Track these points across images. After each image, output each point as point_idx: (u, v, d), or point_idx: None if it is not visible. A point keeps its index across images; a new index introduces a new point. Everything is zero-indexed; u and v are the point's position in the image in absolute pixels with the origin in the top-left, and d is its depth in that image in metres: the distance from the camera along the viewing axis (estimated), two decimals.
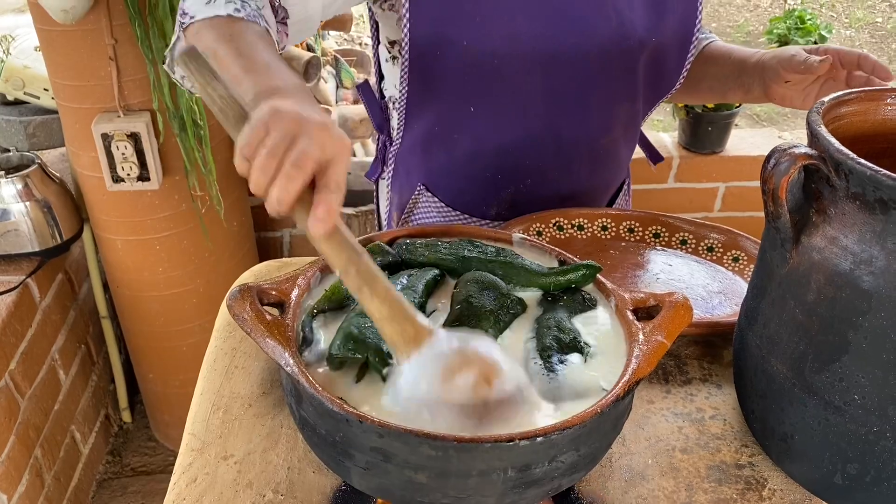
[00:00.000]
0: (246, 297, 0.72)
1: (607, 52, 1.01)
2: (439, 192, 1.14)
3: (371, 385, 0.68)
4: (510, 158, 1.08)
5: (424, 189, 1.14)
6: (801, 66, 0.99)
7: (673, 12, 1.05)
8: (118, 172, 1.65)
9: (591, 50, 1.00)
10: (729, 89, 1.14)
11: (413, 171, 1.15)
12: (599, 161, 1.13)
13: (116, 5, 1.50)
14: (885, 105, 0.77)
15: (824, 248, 0.65)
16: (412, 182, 1.15)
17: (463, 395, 0.63)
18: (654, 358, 0.70)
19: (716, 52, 1.15)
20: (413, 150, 1.12)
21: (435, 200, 1.15)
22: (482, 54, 0.98)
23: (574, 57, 1.00)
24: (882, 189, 0.60)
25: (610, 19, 1.00)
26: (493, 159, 1.08)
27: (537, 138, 1.07)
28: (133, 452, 2.17)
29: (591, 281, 0.79)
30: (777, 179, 0.66)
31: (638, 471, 0.76)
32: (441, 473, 0.63)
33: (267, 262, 1.04)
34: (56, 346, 1.86)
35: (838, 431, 0.67)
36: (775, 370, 0.71)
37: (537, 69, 1.00)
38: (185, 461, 0.75)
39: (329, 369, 0.70)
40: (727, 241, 1.04)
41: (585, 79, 1.02)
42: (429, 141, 1.10)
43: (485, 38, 0.97)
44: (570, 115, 1.05)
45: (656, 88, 1.12)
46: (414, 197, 1.16)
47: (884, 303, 0.61)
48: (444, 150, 1.09)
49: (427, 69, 1.00)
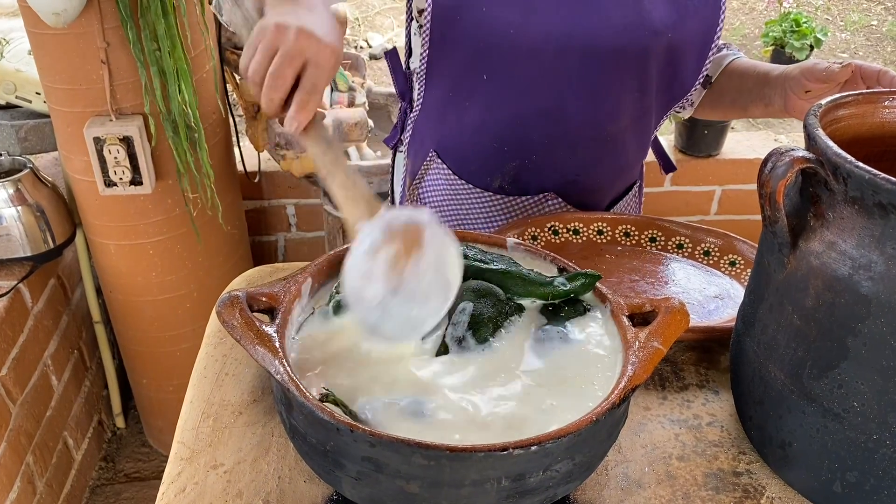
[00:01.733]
0: (235, 304, 0.70)
1: (621, 39, 1.03)
2: (448, 160, 1.17)
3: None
4: (518, 131, 1.10)
5: (436, 156, 1.18)
6: (822, 73, 1.00)
7: (695, 13, 1.06)
8: (110, 176, 1.63)
9: (604, 34, 1.02)
10: (750, 102, 1.15)
11: (427, 137, 1.18)
12: (605, 148, 1.14)
13: (108, 8, 1.48)
14: (883, 108, 0.76)
15: (822, 252, 0.65)
16: (426, 148, 1.19)
17: (383, 266, 0.66)
18: (650, 364, 0.69)
19: (740, 67, 1.16)
20: (429, 115, 1.16)
21: (444, 168, 1.18)
22: (499, 23, 1.01)
23: (587, 38, 1.02)
24: (881, 193, 0.59)
25: (627, 7, 1.02)
26: (501, 130, 1.11)
27: (545, 113, 1.08)
28: (126, 458, 2.16)
29: (591, 290, 0.78)
30: (774, 183, 0.65)
31: (634, 479, 0.75)
32: (433, 483, 0.62)
33: (259, 267, 1.03)
34: (48, 351, 1.84)
35: (837, 439, 0.66)
36: (773, 376, 0.70)
37: (550, 45, 1.02)
38: (173, 470, 0.74)
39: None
40: (724, 245, 1.04)
41: (597, 62, 1.04)
42: (443, 107, 1.13)
43: (503, 6, 1.00)
44: (577, 97, 1.07)
45: (670, 89, 1.13)
46: (426, 164, 1.19)
47: (883, 308, 0.60)
48: (455, 117, 1.13)
49: (447, 34, 1.04)
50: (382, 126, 2.21)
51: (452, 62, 1.06)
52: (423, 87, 1.12)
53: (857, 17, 4.87)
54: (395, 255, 0.66)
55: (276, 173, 2.18)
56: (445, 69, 1.08)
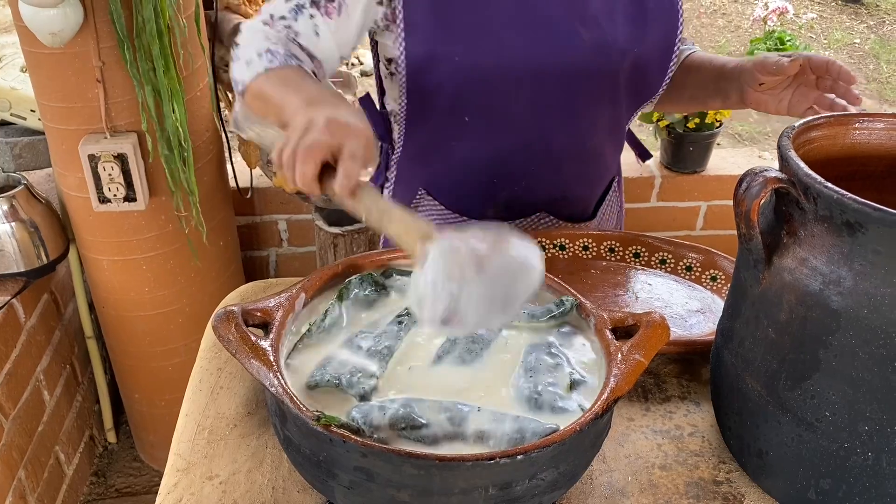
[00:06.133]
0: (231, 318, 0.73)
1: (590, 63, 1.07)
2: (439, 196, 1.20)
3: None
4: (504, 165, 1.14)
5: (425, 193, 1.20)
6: (773, 67, 1.04)
7: (655, 26, 1.10)
8: (105, 193, 1.65)
9: (574, 62, 1.06)
10: (708, 97, 1.19)
11: (413, 176, 1.21)
12: (587, 163, 1.19)
13: (104, 28, 1.51)
14: (854, 129, 0.80)
15: (795, 268, 0.67)
16: (414, 186, 1.21)
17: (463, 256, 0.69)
18: (632, 376, 0.71)
19: (697, 61, 1.20)
20: (413, 158, 1.19)
21: (435, 204, 1.20)
22: (473, 69, 1.03)
23: (559, 69, 1.06)
24: (848, 212, 0.62)
25: (592, 32, 1.05)
26: (488, 166, 1.14)
27: (528, 145, 1.12)
28: (118, 473, 2.16)
29: (573, 310, 0.81)
30: (749, 202, 0.68)
31: (618, 488, 0.77)
32: (423, 492, 0.64)
33: (253, 282, 1.06)
34: (41, 366, 1.85)
35: (811, 447, 0.69)
36: (750, 388, 0.73)
37: (525, 81, 1.05)
38: (170, 482, 0.76)
39: None
40: (705, 261, 1.07)
41: (570, 88, 1.08)
42: (427, 149, 1.16)
43: (474, 54, 1.03)
44: (557, 122, 1.11)
45: (639, 94, 1.17)
46: (416, 200, 1.22)
47: (851, 322, 0.63)
48: (441, 158, 1.16)
49: (423, 84, 1.06)
50: None
51: (432, 108, 1.09)
52: (403, 132, 1.14)
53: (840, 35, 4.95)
54: (473, 261, 0.69)
55: (268, 189, 2.20)
56: (426, 115, 1.10)
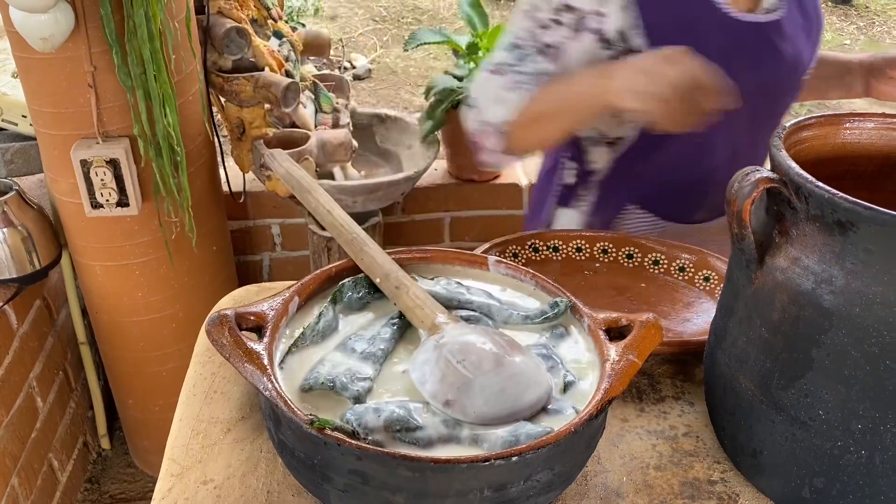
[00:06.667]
0: (224, 322, 0.73)
1: (787, 78, 1.19)
2: (651, 208, 1.27)
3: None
4: (714, 172, 1.20)
5: (637, 207, 1.27)
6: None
7: (817, 35, 1.22)
8: (97, 198, 1.65)
9: (776, 78, 1.17)
10: (831, 87, 1.34)
11: (621, 194, 1.27)
12: (764, 156, 1.26)
13: (95, 33, 1.51)
14: (844, 129, 0.80)
15: (787, 268, 0.68)
16: (619, 203, 1.27)
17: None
18: (625, 377, 0.72)
19: (819, 56, 1.29)
20: (622, 177, 1.25)
21: (645, 214, 1.28)
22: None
23: (765, 87, 1.16)
24: (839, 211, 0.62)
25: (789, 48, 1.16)
26: (698, 180, 1.24)
27: (733, 152, 1.21)
28: (112, 479, 2.15)
29: (567, 311, 0.82)
30: (740, 202, 0.68)
31: (613, 488, 0.77)
32: (418, 494, 0.64)
33: (246, 286, 1.05)
34: (34, 373, 1.85)
35: (804, 446, 0.69)
36: (743, 387, 0.73)
37: (746, 97, 1.09)
38: (164, 486, 0.76)
39: None
40: (698, 261, 1.07)
41: (776, 102, 1.22)
42: (640, 168, 1.23)
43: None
44: (752, 130, 1.20)
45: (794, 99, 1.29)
46: (620, 216, 1.28)
47: (843, 321, 0.63)
48: (654, 174, 1.24)
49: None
50: (366, 146, 2.23)
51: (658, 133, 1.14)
52: (616, 156, 1.22)
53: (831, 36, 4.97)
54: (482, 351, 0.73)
55: (261, 193, 2.20)
56: (651, 140, 1.17)
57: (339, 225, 0.88)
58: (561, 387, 0.74)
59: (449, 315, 0.79)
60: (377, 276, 0.83)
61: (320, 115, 2.03)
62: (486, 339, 0.74)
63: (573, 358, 0.78)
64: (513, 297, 0.87)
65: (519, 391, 0.70)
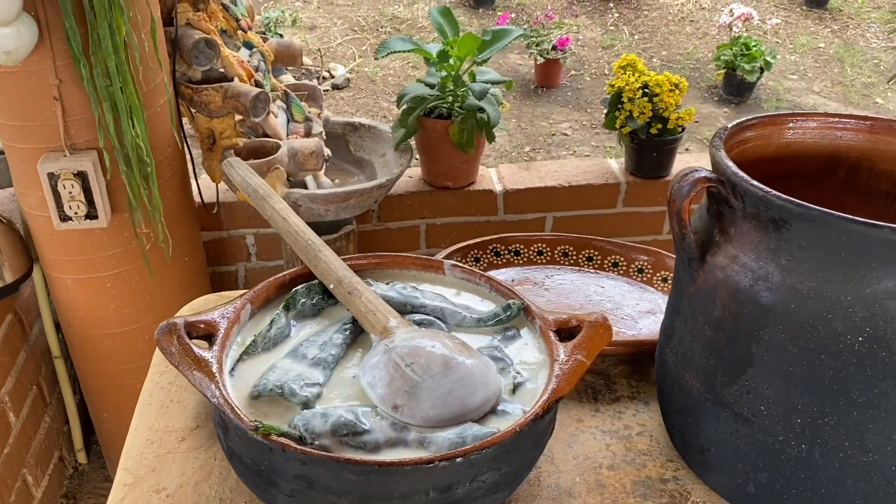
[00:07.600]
0: (173, 331, 0.73)
1: None
2: None
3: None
4: None
5: None
6: None
7: None
8: (66, 211, 1.64)
9: None
10: None
11: None
12: None
13: (59, 46, 1.51)
14: (787, 129, 0.81)
15: (726, 266, 0.69)
16: None
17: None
18: (573, 377, 0.72)
19: None
20: None
21: None
22: None
23: None
24: (773, 209, 0.64)
25: None
26: None
27: None
28: (88, 494, 2.14)
29: (519, 313, 0.82)
30: (680, 202, 0.69)
31: (565, 489, 0.78)
32: (363, 497, 0.64)
33: (205, 296, 1.06)
34: (5, 388, 1.83)
35: (748, 442, 0.70)
36: (690, 385, 0.74)
37: None
38: (117, 497, 0.76)
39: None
40: (655, 263, 1.08)
41: None
42: None
43: None
44: None
45: None
46: None
47: (780, 317, 0.64)
48: None
49: None
50: (340, 155, 2.24)
51: None
52: None
53: (805, 39, 5.03)
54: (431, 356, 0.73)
55: (234, 204, 2.20)
56: None
57: (293, 231, 0.88)
58: (511, 388, 0.75)
59: (401, 319, 0.79)
60: (330, 281, 0.83)
61: (292, 124, 2.04)
62: (436, 342, 0.75)
63: (524, 359, 0.78)
64: (468, 301, 0.87)
65: (467, 393, 0.71)
